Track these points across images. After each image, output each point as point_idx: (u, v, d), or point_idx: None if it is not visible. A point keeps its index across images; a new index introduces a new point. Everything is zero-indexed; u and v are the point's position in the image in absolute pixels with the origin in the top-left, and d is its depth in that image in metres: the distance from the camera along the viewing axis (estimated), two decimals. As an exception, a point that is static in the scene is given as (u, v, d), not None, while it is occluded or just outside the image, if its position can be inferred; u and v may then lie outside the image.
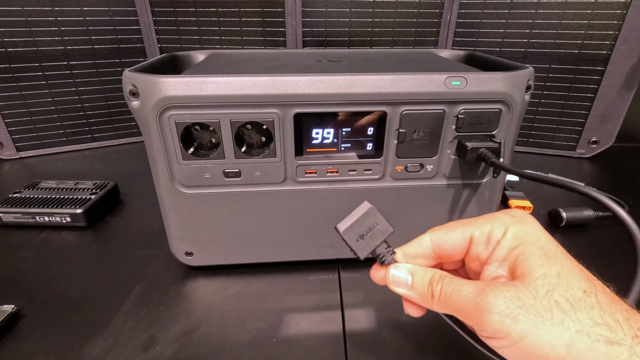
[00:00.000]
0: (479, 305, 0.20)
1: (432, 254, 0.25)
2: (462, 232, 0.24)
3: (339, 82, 0.32)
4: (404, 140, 0.35)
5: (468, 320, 0.21)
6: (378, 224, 0.25)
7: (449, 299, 0.21)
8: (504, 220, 0.23)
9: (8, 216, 0.48)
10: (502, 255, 0.22)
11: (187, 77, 0.31)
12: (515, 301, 0.19)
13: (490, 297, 0.19)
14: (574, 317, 0.18)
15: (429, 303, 0.23)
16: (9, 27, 0.62)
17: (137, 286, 0.39)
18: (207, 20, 0.69)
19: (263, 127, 0.34)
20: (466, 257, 0.25)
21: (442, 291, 0.22)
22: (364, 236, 0.25)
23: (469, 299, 0.20)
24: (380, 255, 0.25)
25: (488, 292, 0.20)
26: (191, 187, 0.35)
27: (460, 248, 0.24)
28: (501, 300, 0.19)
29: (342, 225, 0.25)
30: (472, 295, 0.20)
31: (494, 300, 0.19)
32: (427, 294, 0.23)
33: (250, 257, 0.41)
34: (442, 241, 0.25)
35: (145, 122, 0.32)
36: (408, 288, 0.24)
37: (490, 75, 0.33)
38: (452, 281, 0.22)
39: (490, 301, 0.19)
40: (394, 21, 0.67)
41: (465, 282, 0.21)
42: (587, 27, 0.62)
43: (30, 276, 0.40)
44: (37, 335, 0.33)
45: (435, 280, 0.23)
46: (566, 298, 0.19)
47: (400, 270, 0.24)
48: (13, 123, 0.68)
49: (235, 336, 0.33)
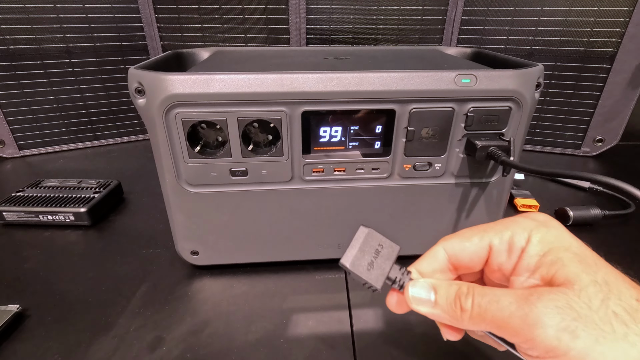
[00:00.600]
0: (526, 317, 0.17)
1: (449, 266, 0.23)
2: (479, 240, 0.22)
3: (348, 80, 0.32)
4: (412, 139, 0.34)
5: (512, 336, 0.18)
6: (382, 246, 0.23)
7: (485, 312, 0.18)
8: (525, 225, 0.21)
9: (11, 215, 0.48)
10: (532, 264, 0.20)
11: (194, 74, 0.31)
12: (569, 312, 0.16)
13: (539, 307, 0.17)
14: (636, 330, 0.16)
15: (458, 320, 0.20)
16: (11, 24, 0.61)
17: (143, 286, 0.39)
18: (210, 18, 0.68)
19: (270, 125, 0.33)
20: (486, 268, 0.22)
21: (474, 304, 0.19)
22: (372, 264, 0.22)
23: (512, 310, 0.17)
24: (396, 280, 0.23)
25: (534, 300, 0.17)
26: (197, 185, 0.35)
27: (479, 258, 0.22)
28: (553, 310, 0.16)
29: (346, 258, 0.22)
30: (515, 306, 0.17)
31: (544, 310, 0.16)
32: (455, 309, 0.20)
33: (257, 257, 0.40)
34: (457, 251, 0.22)
35: (151, 120, 0.32)
36: (432, 306, 0.21)
37: (501, 73, 0.33)
38: (486, 291, 0.19)
39: (541, 312, 0.16)
40: (398, 19, 0.66)
41: (501, 290, 0.19)
42: (593, 25, 0.61)
43: (35, 275, 0.40)
44: (42, 336, 0.33)
45: (464, 293, 0.20)
46: (623, 308, 0.16)
47: (420, 286, 0.22)
48: (15, 121, 0.67)
49: (242, 336, 0.33)
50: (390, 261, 0.23)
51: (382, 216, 0.39)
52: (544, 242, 0.20)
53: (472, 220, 0.40)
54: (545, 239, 0.20)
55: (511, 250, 0.21)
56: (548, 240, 0.20)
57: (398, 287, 0.23)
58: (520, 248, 0.21)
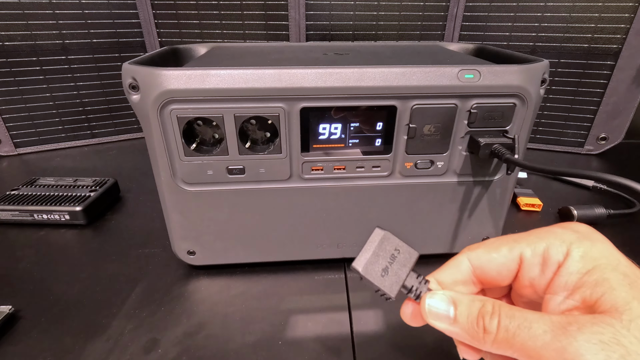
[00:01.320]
0: (564, 351, 0.15)
1: (473, 278, 0.21)
2: (508, 252, 0.20)
3: (347, 75, 0.31)
4: (414, 136, 0.33)
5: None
6: (399, 251, 0.21)
7: (513, 338, 0.16)
8: (564, 237, 0.18)
9: (5, 214, 0.47)
10: (571, 283, 0.17)
11: (189, 69, 0.30)
12: (616, 348, 0.14)
13: (580, 341, 0.14)
14: None
15: (479, 341, 0.17)
16: (6, 20, 0.60)
17: (138, 286, 0.38)
18: (208, 14, 0.67)
19: (268, 122, 0.32)
20: (515, 283, 0.20)
21: (500, 327, 0.17)
22: (387, 269, 0.21)
23: (546, 340, 0.15)
24: (412, 289, 0.21)
25: (574, 332, 0.15)
26: (193, 184, 0.34)
27: (508, 271, 0.20)
28: (597, 345, 0.14)
29: (359, 262, 0.20)
30: (550, 336, 0.15)
31: (586, 345, 0.14)
32: (477, 329, 0.17)
33: (254, 257, 0.39)
34: (483, 263, 0.20)
35: (145, 116, 0.31)
36: (450, 322, 0.19)
37: (505, 68, 0.32)
38: (515, 313, 0.17)
39: (582, 346, 0.14)
40: (399, 14, 0.65)
41: (533, 314, 0.16)
42: (597, 21, 0.60)
43: (28, 276, 0.39)
44: (35, 337, 0.32)
45: (488, 312, 0.17)
46: None
47: (438, 298, 0.19)
48: (11, 119, 0.66)
49: (239, 338, 0.32)
50: (407, 268, 0.21)
51: (382, 215, 0.38)
52: (587, 258, 0.17)
53: (475, 219, 0.39)
54: (588, 255, 0.18)
55: (546, 265, 0.19)
56: (592, 256, 0.18)
57: (414, 297, 0.21)
58: (556, 263, 0.18)
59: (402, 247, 0.21)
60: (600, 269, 0.17)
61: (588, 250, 0.18)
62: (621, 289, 0.16)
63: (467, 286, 0.21)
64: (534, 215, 0.51)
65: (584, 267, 0.17)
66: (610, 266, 0.17)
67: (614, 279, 0.16)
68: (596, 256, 0.17)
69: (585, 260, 0.17)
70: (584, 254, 0.18)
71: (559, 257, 0.18)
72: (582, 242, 0.18)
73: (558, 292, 0.18)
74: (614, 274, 0.16)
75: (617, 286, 0.16)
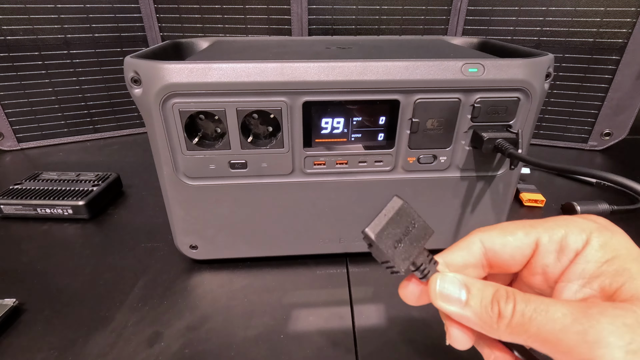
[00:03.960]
0: (586, 334, 0.14)
1: (483, 262, 0.20)
2: (524, 236, 0.19)
3: (350, 69, 0.31)
4: (417, 131, 0.33)
5: (562, 354, 0.15)
6: (415, 225, 0.20)
7: (530, 322, 0.16)
8: (584, 226, 0.18)
9: (9, 208, 0.47)
10: (588, 271, 0.17)
11: (192, 63, 0.30)
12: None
13: (604, 324, 0.14)
14: None
15: (491, 327, 0.17)
16: (8, 14, 0.60)
17: (141, 280, 0.38)
18: (210, 8, 0.67)
19: (270, 116, 0.32)
20: (524, 270, 0.20)
21: (516, 311, 0.16)
22: (400, 242, 0.19)
23: (566, 323, 0.15)
24: (420, 267, 0.20)
25: (597, 315, 0.14)
26: (196, 178, 0.34)
27: (521, 256, 0.19)
28: (622, 328, 0.14)
29: (373, 228, 0.19)
30: (570, 319, 0.15)
31: (610, 327, 0.14)
32: (491, 314, 0.17)
33: (257, 251, 0.39)
34: (497, 246, 0.19)
35: (147, 110, 0.31)
36: (461, 306, 0.18)
37: (509, 62, 0.32)
38: (530, 298, 0.16)
39: (606, 329, 0.14)
40: (402, 9, 0.65)
41: (549, 299, 0.16)
42: (602, 15, 0.59)
43: (32, 269, 0.40)
44: (39, 330, 0.33)
45: (503, 297, 0.17)
46: None
47: (449, 281, 0.19)
48: (13, 113, 0.66)
49: (242, 331, 0.33)
50: (420, 245, 0.20)
51: (385, 210, 0.38)
52: (608, 249, 0.17)
53: (477, 214, 0.39)
54: (609, 245, 0.17)
55: (562, 252, 0.18)
56: (613, 247, 0.17)
57: (421, 276, 0.20)
58: (574, 250, 0.18)
59: (418, 222, 0.20)
60: (620, 259, 0.17)
61: (608, 240, 0.18)
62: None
63: (477, 270, 0.20)
64: (537, 211, 0.50)
65: (603, 257, 0.17)
66: (630, 257, 0.17)
67: (635, 269, 0.16)
68: (616, 246, 0.17)
69: (605, 249, 0.17)
70: (604, 243, 0.17)
71: (578, 245, 0.18)
72: (603, 232, 0.18)
73: (573, 280, 0.18)
74: (635, 265, 0.16)
75: (638, 276, 0.16)
